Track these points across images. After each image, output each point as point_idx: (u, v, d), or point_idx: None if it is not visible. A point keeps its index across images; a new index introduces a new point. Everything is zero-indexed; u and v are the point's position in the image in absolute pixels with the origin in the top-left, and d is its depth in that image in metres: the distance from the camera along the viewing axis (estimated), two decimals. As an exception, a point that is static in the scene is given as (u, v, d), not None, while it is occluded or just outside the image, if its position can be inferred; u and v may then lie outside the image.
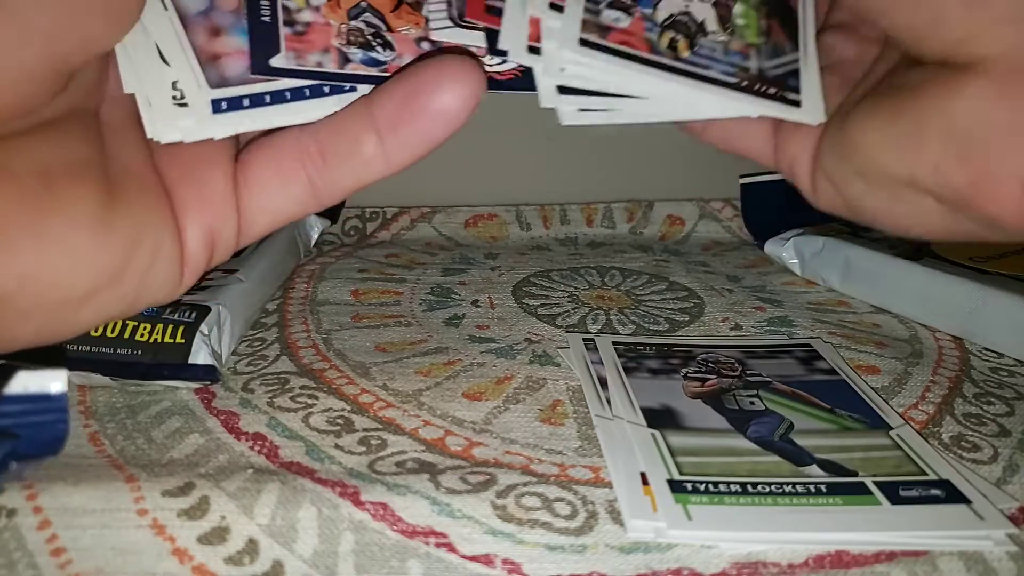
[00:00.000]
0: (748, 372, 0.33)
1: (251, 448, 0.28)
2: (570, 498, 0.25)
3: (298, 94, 0.19)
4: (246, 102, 0.19)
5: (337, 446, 0.28)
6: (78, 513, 0.23)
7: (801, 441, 0.28)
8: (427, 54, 0.19)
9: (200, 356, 0.31)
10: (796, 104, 0.21)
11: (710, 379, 0.33)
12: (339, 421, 0.30)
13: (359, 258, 0.49)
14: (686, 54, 0.20)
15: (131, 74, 0.18)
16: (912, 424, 0.30)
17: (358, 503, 0.24)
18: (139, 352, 0.31)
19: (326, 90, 0.19)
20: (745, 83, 0.20)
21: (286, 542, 0.23)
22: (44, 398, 0.25)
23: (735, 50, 0.21)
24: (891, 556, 0.23)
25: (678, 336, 0.38)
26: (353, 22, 0.19)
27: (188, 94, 0.18)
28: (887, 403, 0.31)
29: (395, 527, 0.24)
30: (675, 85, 0.20)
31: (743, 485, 0.25)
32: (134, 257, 0.18)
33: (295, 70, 0.19)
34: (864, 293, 0.43)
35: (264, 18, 0.19)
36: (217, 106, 0.18)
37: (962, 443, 0.29)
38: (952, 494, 0.25)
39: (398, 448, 0.28)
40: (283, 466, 0.26)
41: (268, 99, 0.19)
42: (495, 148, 0.55)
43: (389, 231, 0.54)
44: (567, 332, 0.38)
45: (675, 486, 0.25)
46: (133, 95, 0.18)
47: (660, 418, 0.29)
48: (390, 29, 0.19)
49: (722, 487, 0.25)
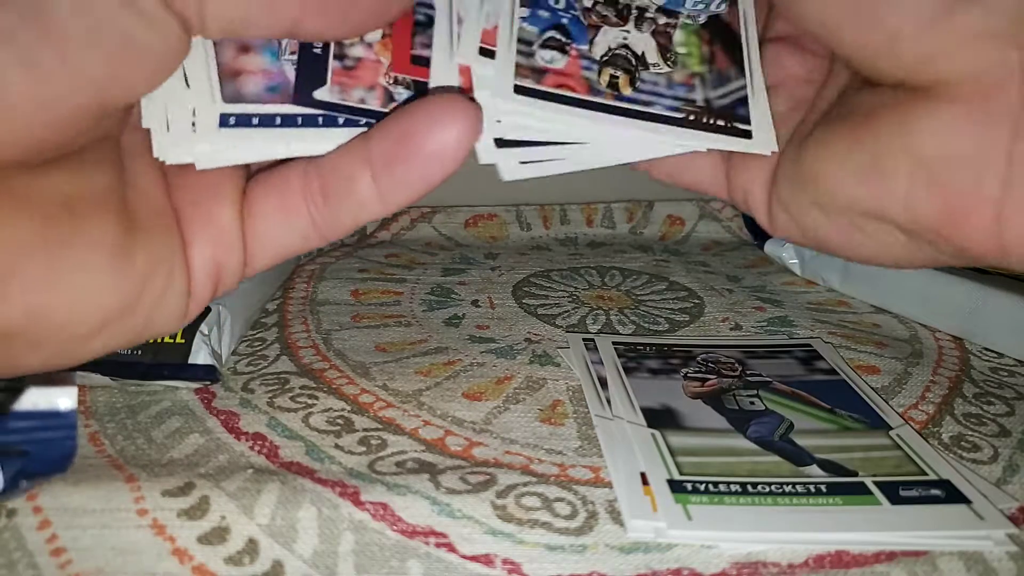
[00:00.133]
0: (748, 372, 0.33)
1: (251, 448, 0.28)
2: (570, 498, 0.25)
3: (310, 121, 0.18)
4: (255, 120, 0.18)
5: (337, 446, 0.28)
6: (78, 513, 0.23)
7: (801, 441, 0.28)
8: (424, 93, 0.19)
9: (200, 356, 0.31)
10: (747, 135, 0.20)
11: (710, 379, 0.33)
12: (339, 421, 0.30)
13: (359, 258, 0.49)
14: (628, 91, 0.19)
15: (149, 104, 0.17)
16: (912, 424, 0.30)
17: (358, 503, 0.24)
18: (139, 352, 0.31)
19: (340, 121, 0.18)
20: (692, 117, 0.19)
21: (286, 542, 0.23)
22: (53, 415, 0.25)
23: (679, 82, 0.20)
24: (891, 556, 0.23)
25: (678, 336, 0.38)
26: None
27: (200, 109, 0.18)
28: (887, 403, 0.31)
29: (395, 527, 0.24)
30: (619, 127, 0.19)
31: (743, 485, 0.25)
32: (147, 289, 0.17)
33: (337, 104, 0.18)
34: (864, 293, 0.43)
35: (315, 49, 0.18)
36: (225, 120, 0.18)
37: (962, 443, 0.29)
38: (952, 494, 0.25)
39: (398, 448, 0.28)
40: (283, 466, 0.26)
41: (278, 120, 0.18)
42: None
43: (389, 231, 0.54)
44: (567, 332, 0.38)
45: (675, 486, 0.25)
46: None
47: (660, 418, 0.29)
48: None
49: (722, 487, 0.25)
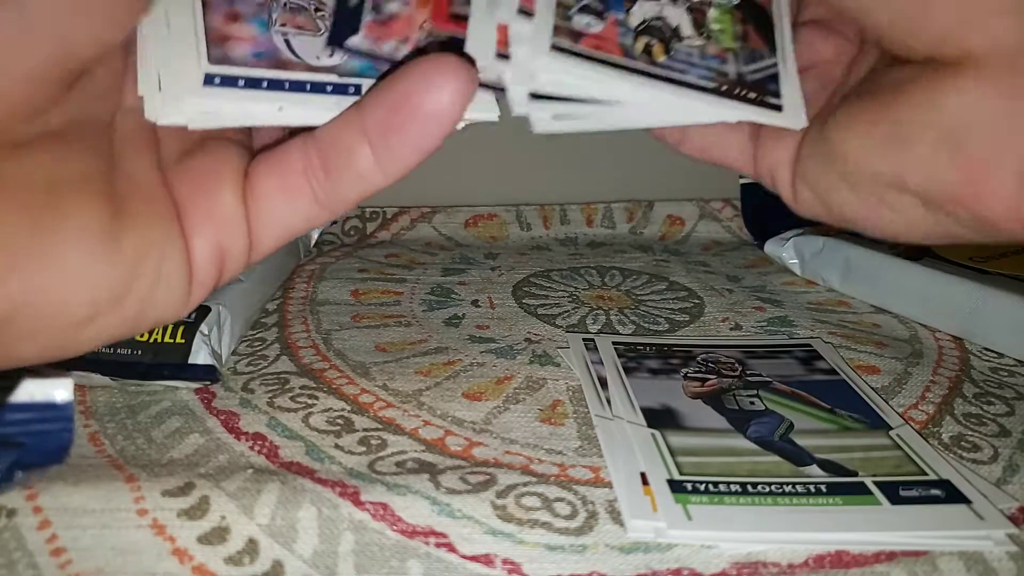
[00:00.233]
0: (748, 372, 0.33)
1: (251, 448, 0.28)
2: (570, 498, 0.25)
3: (297, 86, 0.18)
4: (241, 83, 0.18)
5: (337, 446, 0.28)
6: (78, 513, 0.23)
7: (801, 441, 0.28)
8: (415, 53, 0.19)
9: (200, 356, 0.31)
10: (777, 108, 0.20)
11: (710, 379, 0.33)
12: (339, 421, 0.30)
13: (359, 258, 0.49)
14: (662, 59, 0.19)
15: (142, 69, 0.17)
16: (912, 424, 0.30)
17: (358, 503, 0.24)
18: (139, 352, 0.31)
19: (328, 88, 0.18)
20: (724, 87, 0.20)
21: (286, 542, 0.23)
22: (50, 407, 0.25)
23: (712, 54, 0.20)
24: (891, 556, 0.23)
25: (678, 336, 0.38)
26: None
27: (185, 69, 0.17)
28: (887, 403, 0.31)
29: (395, 527, 0.24)
30: (651, 90, 0.19)
31: (743, 485, 0.25)
32: (138, 275, 0.17)
33: (365, 52, 0.18)
34: (864, 293, 0.43)
35: (351, 2, 0.18)
36: (210, 79, 0.18)
37: (962, 443, 0.29)
38: (952, 494, 0.25)
39: (398, 448, 0.28)
40: (283, 466, 0.26)
41: (265, 84, 0.18)
42: (495, 148, 0.55)
43: (389, 231, 0.54)
44: (567, 332, 0.38)
45: (675, 486, 0.25)
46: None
47: (660, 418, 0.29)
48: None
49: (722, 487, 0.25)
